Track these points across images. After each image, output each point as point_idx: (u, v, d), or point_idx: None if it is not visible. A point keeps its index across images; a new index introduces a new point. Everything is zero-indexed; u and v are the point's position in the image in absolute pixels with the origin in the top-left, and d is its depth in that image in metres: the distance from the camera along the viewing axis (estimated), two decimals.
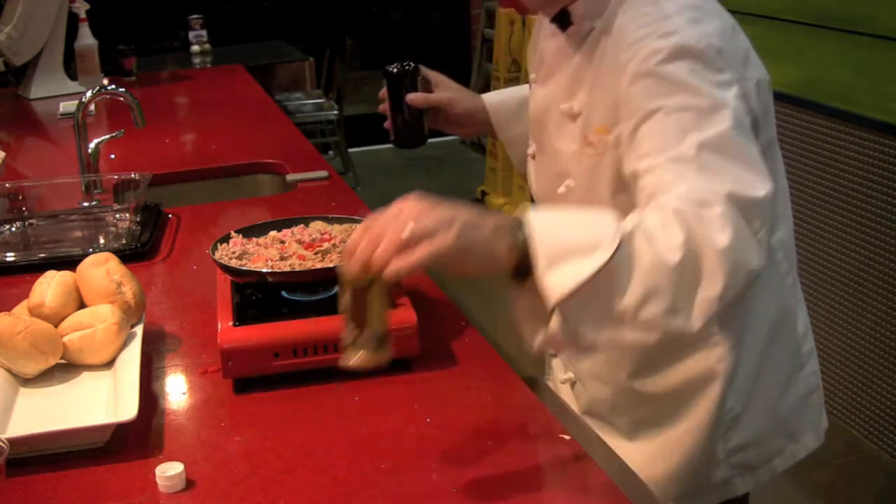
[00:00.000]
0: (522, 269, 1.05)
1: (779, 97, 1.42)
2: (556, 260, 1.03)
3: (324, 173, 2.45)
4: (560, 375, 1.63)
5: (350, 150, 6.09)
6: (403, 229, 1.03)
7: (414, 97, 1.62)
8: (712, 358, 1.40)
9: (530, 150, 1.53)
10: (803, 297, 1.54)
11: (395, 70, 1.62)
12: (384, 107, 1.65)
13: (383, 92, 1.65)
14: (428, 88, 1.65)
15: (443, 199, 1.08)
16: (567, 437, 1.26)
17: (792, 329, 1.50)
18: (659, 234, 1.06)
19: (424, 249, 1.02)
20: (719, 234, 1.06)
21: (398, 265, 1.03)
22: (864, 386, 3.00)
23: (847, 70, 2.93)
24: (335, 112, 5.85)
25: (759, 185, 1.12)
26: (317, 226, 1.64)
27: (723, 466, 1.46)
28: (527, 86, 1.72)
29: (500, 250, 1.05)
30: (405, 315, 1.43)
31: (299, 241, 1.56)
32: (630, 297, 1.04)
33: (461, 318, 1.61)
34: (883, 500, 2.86)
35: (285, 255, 1.51)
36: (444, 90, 1.68)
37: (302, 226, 1.65)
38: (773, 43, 3.16)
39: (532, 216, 1.07)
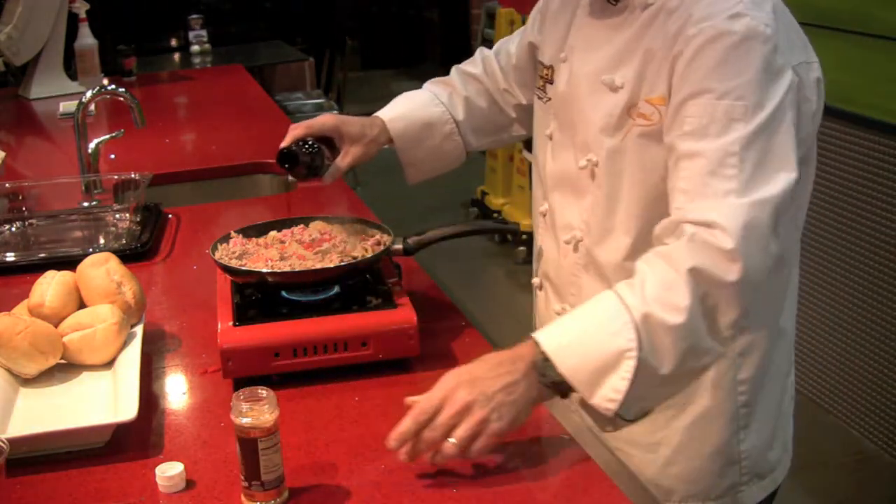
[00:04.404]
0: (565, 392, 1.20)
1: None
2: (594, 384, 1.16)
3: None
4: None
5: None
6: (448, 439, 1.15)
7: (332, 176, 1.65)
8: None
9: (548, 131, 1.51)
10: (803, 296, 1.53)
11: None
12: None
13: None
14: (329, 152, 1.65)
15: (475, 368, 1.20)
16: (567, 437, 1.26)
17: (790, 331, 1.50)
18: (666, 298, 1.16)
19: (481, 445, 1.16)
20: (731, 267, 1.15)
21: (467, 458, 1.17)
22: (865, 386, 2.99)
23: (847, 70, 2.93)
24: (335, 112, 5.85)
25: (781, 181, 1.19)
26: (317, 226, 1.64)
27: (735, 469, 1.45)
28: (424, 100, 1.71)
29: (537, 396, 1.19)
30: (405, 315, 1.43)
31: (299, 241, 1.56)
32: (668, 367, 1.17)
33: (461, 318, 1.61)
34: (883, 500, 2.86)
35: (285, 255, 1.51)
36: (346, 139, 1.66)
37: (302, 226, 1.65)
38: None
39: (549, 348, 1.18)
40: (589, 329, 1.19)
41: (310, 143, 1.61)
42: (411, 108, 1.72)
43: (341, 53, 5.96)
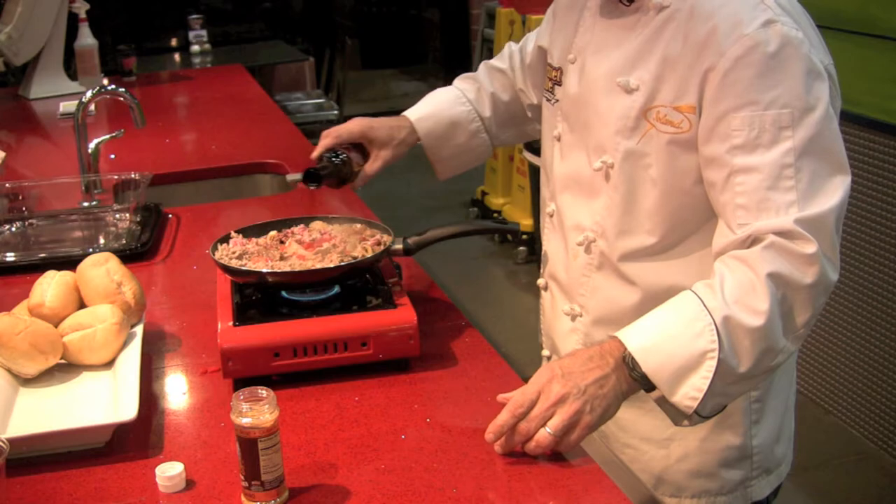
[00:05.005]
0: (650, 387, 1.23)
1: None
2: (675, 383, 1.20)
3: None
4: None
5: None
6: (545, 426, 1.19)
7: (363, 180, 1.69)
8: None
9: (555, 132, 1.52)
10: None
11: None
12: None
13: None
14: (355, 151, 1.68)
15: (568, 363, 1.22)
16: None
17: None
18: (746, 301, 1.20)
19: (576, 437, 1.19)
20: (809, 270, 1.21)
21: (561, 450, 1.21)
22: (865, 386, 2.99)
23: (847, 70, 2.93)
24: (335, 112, 5.85)
25: (839, 187, 1.23)
26: (317, 226, 1.64)
27: (746, 464, 1.46)
28: (451, 98, 1.73)
29: (627, 390, 1.23)
30: (405, 315, 1.43)
31: (299, 241, 1.56)
32: (745, 366, 1.21)
33: (461, 318, 1.61)
34: (883, 500, 2.86)
35: (285, 255, 1.51)
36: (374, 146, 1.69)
37: (302, 226, 1.65)
38: None
39: (633, 347, 1.21)
40: (671, 330, 1.22)
41: (338, 153, 1.64)
42: (438, 107, 1.74)
43: (341, 53, 5.96)
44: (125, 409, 1.27)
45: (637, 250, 1.40)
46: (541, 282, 1.62)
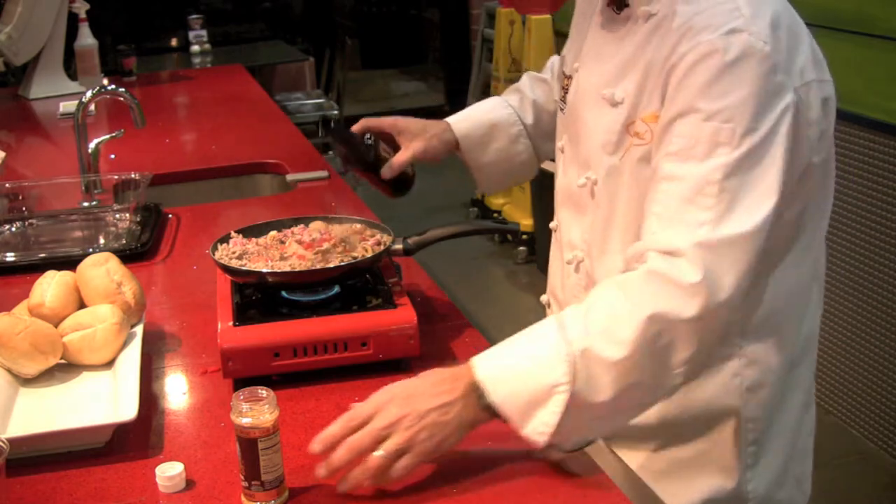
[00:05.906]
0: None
1: None
2: (524, 416, 1.13)
3: (324, 173, 2.45)
4: None
5: None
6: (377, 448, 1.12)
7: (390, 169, 1.60)
8: (729, 372, 1.33)
9: (560, 143, 1.48)
10: None
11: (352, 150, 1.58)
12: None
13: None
14: (388, 145, 1.62)
15: (416, 384, 1.17)
16: None
17: (809, 364, 1.41)
18: (610, 331, 1.13)
19: (408, 462, 1.12)
20: (690, 302, 1.12)
21: (389, 478, 1.13)
22: (865, 386, 2.99)
23: (847, 70, 2.93)
24: (335, 112, 5.85)
25: (760, 213, 1.15)
26: (317, 226, 1.64)
27: None
28: (492, 104, 1.68)
29: (473, 419, 1.15)
30: (405, 315, 1.43)
31: (299, 241, 1.56)
32: (605, 400, 1.13)
33: (461, 318, 1.61)
34: (883, 500, 2.86)
35: (285, 255, 1.51)
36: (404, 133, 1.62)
37: (302, 226, 1.65)
38: None
39: (482, 375, 1.14)
40: (523, 359, 1.15)
41: (367, 135, 1.60)
42: (478, 111, 1.69)
43: (341, 53, 5.96)
44: (125, 409, 1.27)
45: (613, 271, 1.29)
46: (543, 298, 1.59)
